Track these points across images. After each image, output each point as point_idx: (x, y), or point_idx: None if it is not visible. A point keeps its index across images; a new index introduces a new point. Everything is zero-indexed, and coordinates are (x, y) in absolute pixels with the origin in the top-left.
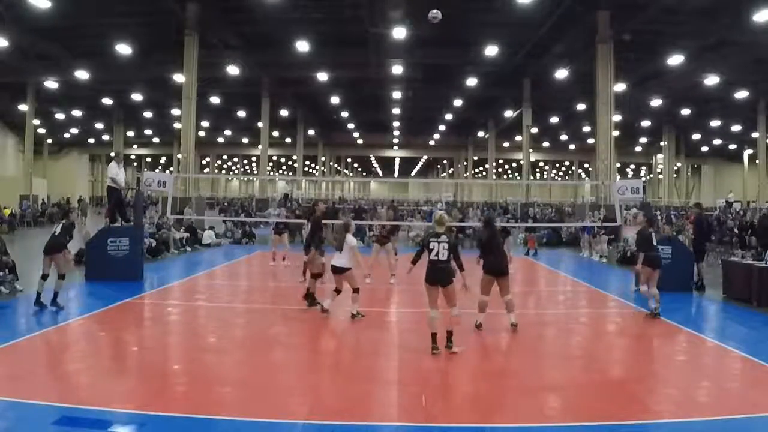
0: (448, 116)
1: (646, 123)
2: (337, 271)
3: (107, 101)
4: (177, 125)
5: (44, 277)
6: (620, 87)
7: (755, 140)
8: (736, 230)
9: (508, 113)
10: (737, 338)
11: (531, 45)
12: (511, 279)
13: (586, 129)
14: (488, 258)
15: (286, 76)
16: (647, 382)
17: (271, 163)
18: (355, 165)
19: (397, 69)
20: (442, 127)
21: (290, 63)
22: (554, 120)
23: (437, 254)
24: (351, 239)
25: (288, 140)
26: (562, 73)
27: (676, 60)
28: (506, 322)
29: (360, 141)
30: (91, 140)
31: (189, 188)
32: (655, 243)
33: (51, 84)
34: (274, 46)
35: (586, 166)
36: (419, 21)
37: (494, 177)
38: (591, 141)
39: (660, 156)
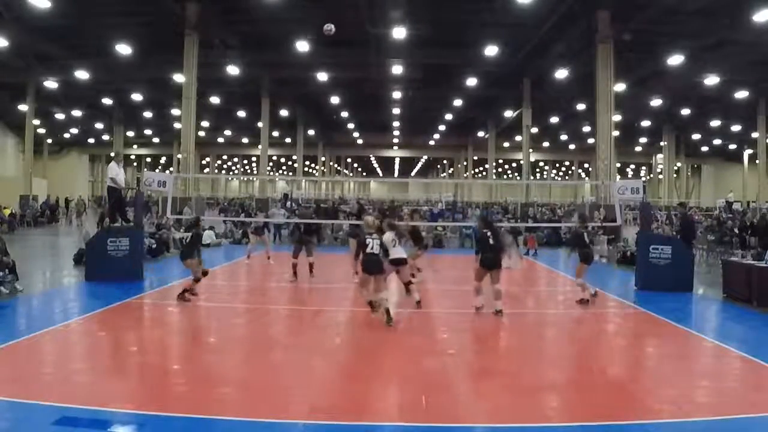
0: (448, 116)
1: (646, 123)
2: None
3: (107, 101)
4: (177, 125)
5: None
6: (620, 87)
7: (755, 140)
8: (736, 230)
9: (508, 113)
10: (737, 338)
11: (531, 45)
12: (511, 279)
13: (586, 129)
14: (485, 254)
15: (286, 76)
16: (647, 382)
17: (271, 163)
18: (355, 165)
19: (397, 69)
20: (442, 127)
21: (290, 63)
22: (554, 120)
23: (372, 248)
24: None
25: (288, 140)
26: (562, 73)
27: (676, 60)
28: (506, 323)
29: (360, 141)
30: (91, 140)
31: (189, 188)
32: (587, 240)
33: (51, 84)
34: (274, 46)
35: (586, 166)
36: (419, 21)
37: (494, 177)
38: (591, 141)
39: (660, 156)
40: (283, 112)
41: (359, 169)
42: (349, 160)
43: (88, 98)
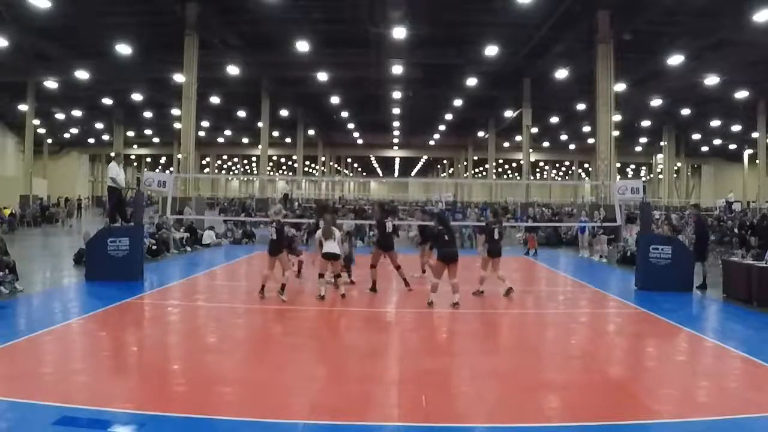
0: (448, 116)
1: (646, 123)
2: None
3: (107, 101)
4: (177, 125)
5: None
6: (620, 87)
7: (755, 140)
8: (736, 230)
9: (508, 113)
10: (737, 338)
11: (531, 45)
12: (511, 279)
13: (586, 129)
14: (443, 248)
15: (286, 76)
16: (647, 382)
17: (271, 163)
18: (355, 165)
19: (397, 69)
20: (442, 127)
21: (290, 63)
22: (554, 120)
23: (271, 235)
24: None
25: (288, 140)
26: (562, 73)
27: (676, 60)
28: (506, 322)
29: (360, 141)
30: (91, 140)
31: (189, 188)
32: (496, 237)
33: (51, 84)
34: (274, 46)
35: (586, 166)
36: (419, 21)
37: (494, 177)
38: (591, 141)
39: (660, 156)
40: (283, 112)
41: (359, 169)
42: (349, 160)
43: (88, 98)
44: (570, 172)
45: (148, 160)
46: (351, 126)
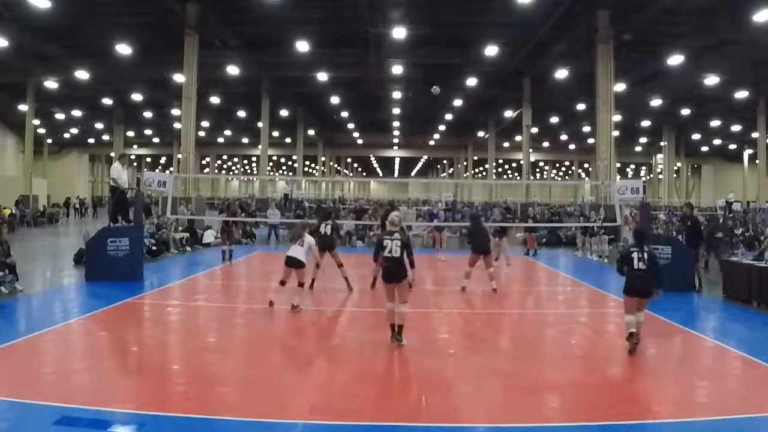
0: (448, 116)
1: (646, 123)
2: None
3: (107, 101)
4: (177, 125)
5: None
6: (620, 87)
7: (755, 140)
8: (736, 231)
9: (508, 113)
10: (737, 338)
11: (531, 45)
12: (512, 279)
13: (586, 129)
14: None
15: (286, 76)
16: (647, 382)
17: (271, 163)
18: (355, 165)
19: (397, 69)
20: (442, 127)
21: (290, 63)
22: (554, 120)
23: (390, 251)
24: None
25: (288, 140)
26: (562, 73)
27: (676, 60)
28: (505, 323)
29: (360, 141)
30: (91, 140)
31: (189, 188)
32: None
33: (51, 84)
34: (274, 46)
35: (586, 166)
36: (419, 21)
37: (494, 177)
38: (591, 141)
39: (660, 156)
40: (283, 112)
41: (359, 169)
42: (349, 160)
43: (88, 98)
44: (570, 172)
45: (148, 160)
46: (351, 126)
